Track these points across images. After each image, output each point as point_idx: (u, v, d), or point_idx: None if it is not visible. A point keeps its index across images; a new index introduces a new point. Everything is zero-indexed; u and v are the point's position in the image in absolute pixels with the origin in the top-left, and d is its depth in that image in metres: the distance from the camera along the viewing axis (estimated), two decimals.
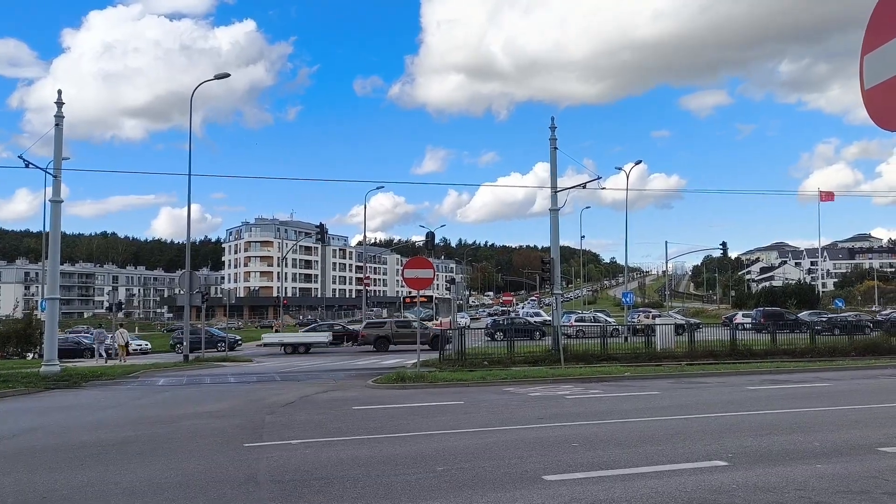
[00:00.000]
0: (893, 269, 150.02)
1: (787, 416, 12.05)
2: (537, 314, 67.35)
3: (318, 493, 7.20)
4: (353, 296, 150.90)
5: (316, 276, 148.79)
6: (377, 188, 57.53)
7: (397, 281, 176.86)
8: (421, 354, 24.00)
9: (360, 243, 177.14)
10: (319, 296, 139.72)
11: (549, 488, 7.15)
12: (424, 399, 15.74)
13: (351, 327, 54.01)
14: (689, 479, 7.41)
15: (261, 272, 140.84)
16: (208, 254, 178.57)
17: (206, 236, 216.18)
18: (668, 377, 20.62)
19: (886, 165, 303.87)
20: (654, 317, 52.18)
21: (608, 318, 52.69)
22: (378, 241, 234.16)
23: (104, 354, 37.42)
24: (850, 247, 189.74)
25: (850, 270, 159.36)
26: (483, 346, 29.84)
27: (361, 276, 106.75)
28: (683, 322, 35.27)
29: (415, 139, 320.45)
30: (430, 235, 50.69)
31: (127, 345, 37.08)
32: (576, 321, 44.90)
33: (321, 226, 52.96)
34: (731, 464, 8.10)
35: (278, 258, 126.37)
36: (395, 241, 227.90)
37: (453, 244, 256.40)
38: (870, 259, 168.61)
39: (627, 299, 46.09)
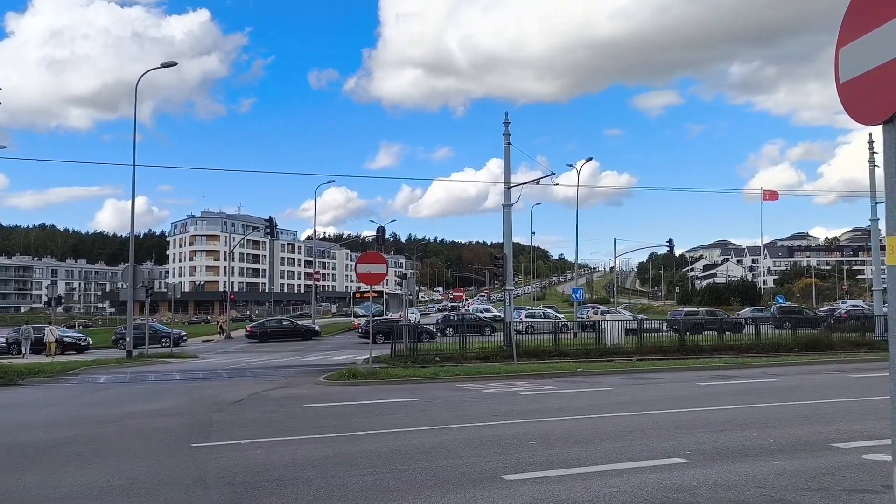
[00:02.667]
0: (830, 267, 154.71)
1: (740, 412, 12.16)
2: (487, 310, 67.50)
3: (271, 496, 6.92)
4: (302, 291, 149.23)
5: (264, 270, 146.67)
6: (328, 182, 57.53)
7: (347, 276, 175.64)
8: (370, 350, 23.69)
9: (309, 238, 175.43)
10: (267, 290, 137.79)
11: (510, 488, 7.00)
12: (377, 396, 15.50)
13: (300, 322, 53.37)
14: (650, 477, 7.34)
15: (206, 266, 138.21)
16: (152, 247, 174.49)
17: (151, 230, 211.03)
18: (619, 373, 20.76)
19: (828, 167, 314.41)
20: (602, 313, 52.74)
21: (558, 315, 53.03)
22: (328, 235, 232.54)
23: (25, 352, 36.42)
24: (790, 245, 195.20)
25: (789, 268, 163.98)
26: (434, 342, 29.67)
27: (311, 270, 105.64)
28: (633, 319, 35.63)
29: (369, 134, 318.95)
30: (381, 230, 50.36)
31: (57, 341, 35.93)
32: (526, 317, 45.03)
33: (270, 220, 52.15)
34: (690, 461, 8.07)
35: (225, 252, 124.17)
36: (345, 236, 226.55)
37: (403, 239, 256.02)
38: (807, 257, 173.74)
39: (577, 295, 46.42)
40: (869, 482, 7.00)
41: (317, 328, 49.72)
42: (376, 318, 43.04)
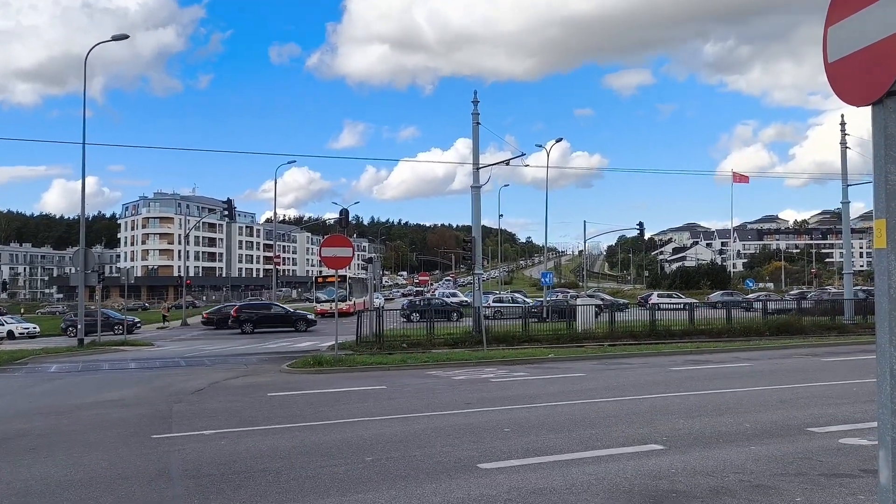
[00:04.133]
0: (799, 251, 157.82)
1: (715, 397, 12.37)
2: (454, 294, 67.68)
3: (239, 489, 6.87)
4: (261, 276, 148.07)
5: (221, 254, 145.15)
6: (289, 162, 56.69)
7: (308, 260, 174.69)
8: (335, 338, 23.62)
9: (268, 220, 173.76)
10: (224, 275, 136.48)
11: (486, 477, 7.04)
12: (344, 384, 15.47)
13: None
14: (628, 464, 7.44)
15: (160, 250, 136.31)
16: (103, 230, 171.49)
17: (101, 212, 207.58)
18: (591, 358, 20.96)
19: (799, 148, 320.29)
20: (571, 297, 53.18)
21: (526, 299, 53.37)
22: (289, 218, 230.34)
23: None
24: (759, 228, 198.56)
25: (758, 251, 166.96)
26: (400, 328, 29.68)
27: (271, 254, 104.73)
28: (612, 302, 35.97)
29: (333, 112, 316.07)
30: (344, 213, 50.06)
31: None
32: (494, 302, 45.23)
33: (229, 201, 51.50)
34: (668, 447, 8.20)
35: (179, 235, 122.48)
36: (306, 219, 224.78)
37: (367, 222, 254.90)
38: (777, 240, 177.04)
39: (547, 279, 46.74)
40: (846, 466, 7.17)
41: (311, 316, 48.95)
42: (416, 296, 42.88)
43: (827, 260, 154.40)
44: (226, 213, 53.04)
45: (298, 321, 42.29)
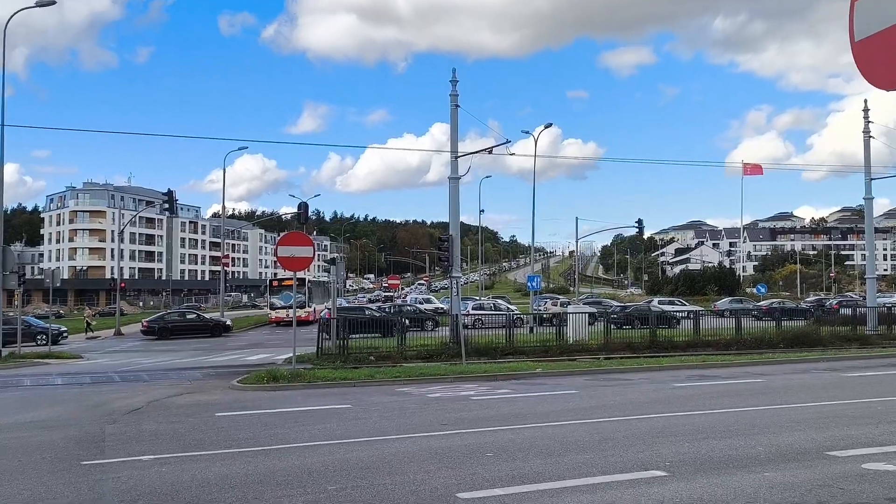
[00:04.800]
0: (816, 252, 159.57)
1: (724, 417, 12.49)
2: (428, 301, 67.72)
3: None
4: (207, 278, 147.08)
5: (161, 254, 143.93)
6: (240, 149, 55.95)
7: (261, 261, 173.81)
8: (297, 349, 23.53)
9: (216, 215, 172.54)
10: (165, 278, 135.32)
11: None
12: (304, 402, 15.42)
13: (208, 316, 52.62)
14: (626, 492, 7.48)
15: (90, 249, 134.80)
16: (23, 225, 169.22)
17: (21, 204, 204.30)
18: (584, 373, 21.09)
19: (818, 137, 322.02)
20: (561, 304, 53.44)
21: (510, 306, 53.54)
22: (239, 213, 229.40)
23: None
24: (772, 227, 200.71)
25: (770, 253, 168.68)
26: (367, 339, 29.64)
27: (218, 254, 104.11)
28: (619, 307, 36.11)
29: (291, 92, 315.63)
30: (304, 207, 49.81)
31: None
32: (474, 309, 45.32)
33: (170, 193, 51.04)
34: (671, 474, 8.25)
35: (113, 232, 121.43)
36: (259, 214, 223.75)
37: (328, 217, 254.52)
38: (792, 241, 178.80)
39: (534, 284, 46.91)
40: (871, 495, 7.27)
41: (228, 322, 49.13)
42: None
43: (847, 263, 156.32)
44: (166, 206, 52.61)
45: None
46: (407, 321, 31.95)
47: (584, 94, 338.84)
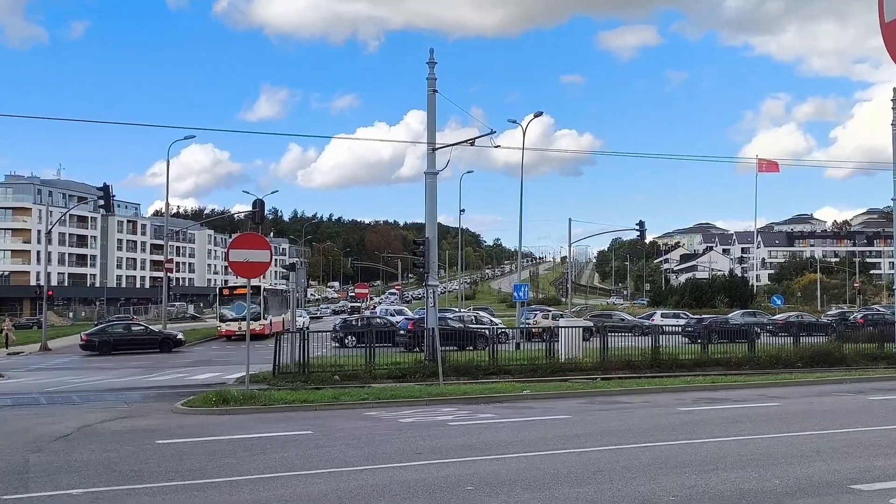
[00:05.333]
0: (839, 260, 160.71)
1: (734, 445, 12.56)
2: (401, 312, 67.68)
3: None
4: (148, 285, 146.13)
5: (94, 257, 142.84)
6: (187, 138, 55.40)
7: (211, 266, 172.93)
8: (250, 367, 23.42)
9: (159, 213, 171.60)
10: (99, 285, 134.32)
11: None
12: (258, 428, 15.35)
13: (157, 328, 52.16)
14: None
15: (13, 251, 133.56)
16: None
17: None
18: (578, 395, 21.16)
19: (842, 130, 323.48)
20: (553, 317, 53.54)
21: (493, 319, 53.57)
22: (185, 211, 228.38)
23: None
24: (789, 230, 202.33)
25: (788, 260, 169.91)
26: (331, 356, 29.58)
27: (161, 258, 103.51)
28: (636, 324, 36.19)
29: (247, 74, 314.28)
30: (259, 205, 49.59)
31: None
32: (453, 322, 45.31)
33: (105, 188, 50.66)
34: None
35: (39, 232, 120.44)
36: (209, 212, 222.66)
37: (287, 217, 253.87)
38: (811, 246, 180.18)
39: (521, 293, 46.98)
40: None
41: (179, 336, 48.75)
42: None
43: (873, 272, 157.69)
44: (101, 203, 52.25)
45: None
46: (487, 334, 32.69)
47: (580, 79, 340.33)
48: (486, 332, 34.10)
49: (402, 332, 35.84)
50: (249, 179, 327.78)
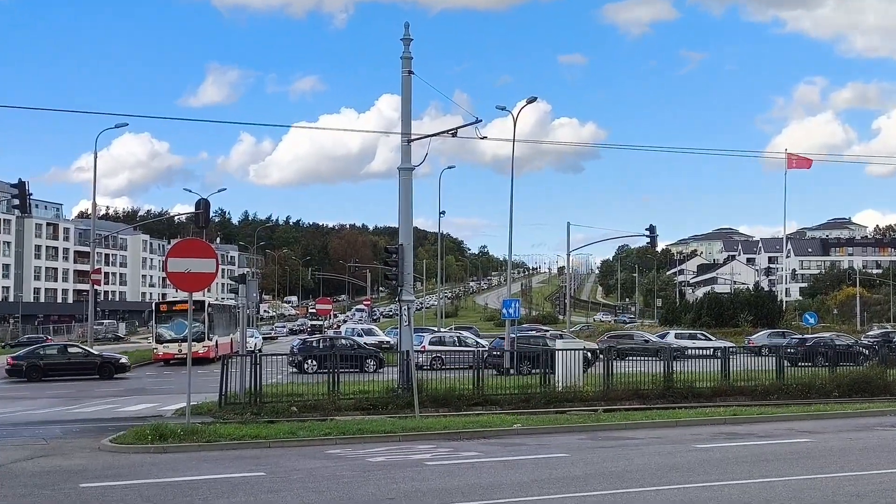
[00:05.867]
0: (882, 271, 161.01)
1: (760, 489, 12.60)
2: (370, 332, 67.52)
3: None
4: (71, 300, 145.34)
5: (8, 266, 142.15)
6: (118, 126, 54.94)
7: (146, 278, 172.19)
8: (192, 396, 23.32)
9: (85, 215, 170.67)
10: (13, 299, 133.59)
11: None
12: (201, 469, 15.30)
13: (96, 351, 51.66)
14: None
15: None
16: None
17: None
18: (577, 430, 21.19)
19: (887, 120, 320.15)
20: (552, 336, 53.49)
21: (479, 340, 53.51)
22: (116, 212, 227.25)
23: None
24: (824, 237, 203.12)
25: (823, 271, 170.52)
26: (288, 383, 29.49)
27: (86, 267, 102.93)
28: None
29: (191, 51, 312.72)
30: (204, 205, 49.42)
31: None
32: (432, 344, 45.25)
33: (21, 185, 50.32)
34: None
35: None
36: (143, 214, 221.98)
37: (237, 220, 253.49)
38: (850, 255, 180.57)
39: (511, 310, 46.89)
40: None
41: (123, 360, 48.16)
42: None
43: None
44: (16, 203, 51.94)
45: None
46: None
47: (582, 59, 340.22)
48: (472, 353, 34.08)
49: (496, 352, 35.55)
50: (193, 175, 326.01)
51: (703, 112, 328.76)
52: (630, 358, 31.32)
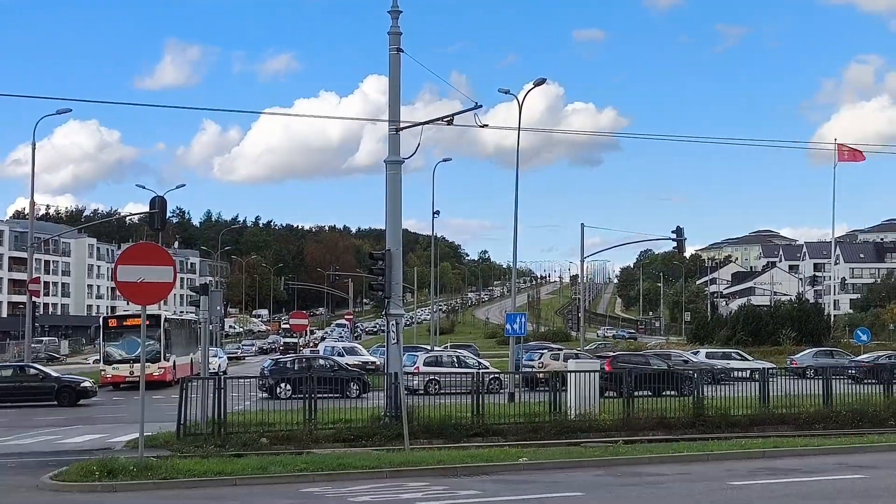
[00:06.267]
0: None
1: None
2: (353, 351, 67.43)
3: None
4: (6, 313, 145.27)
5: None
6: (60, 112, 54.82)
7: (92, 288, 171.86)
8: (147, 426, 23.29)
9: (20, 215, 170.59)
10: None
11: None
12: None
13: (54, 373, 51.48)
14: None
15: None
16: None
17: None
18: (594, 465, 21.14)
19: None
20: (564, 358, 53.27)
21: (480, 361, 53.44)
22: (58, 212, 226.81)
23: None
24: (878, 240, 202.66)
25: (878, 280, 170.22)
26: (257, 410, 29.41)
27: (23, 276, 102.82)
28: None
29: (146, 26, 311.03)
30: (159, 204, 49.40)
31: None
32: (426, 365, 45.25)
33: None
34: None
35: None
36: (90, 214, 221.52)
37: (198, 221, 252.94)
38: None
39: (515, 326, 46.81)
40: None
41: (86, 383, 47.85)
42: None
43: None
44: None
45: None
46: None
47: (600, 34, 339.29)
48: (483, 376, 34.10)
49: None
50: (148, 169, 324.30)
51: (740, 97, 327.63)
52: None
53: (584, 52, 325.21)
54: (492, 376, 41.41)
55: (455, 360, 50.67)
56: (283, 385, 36.89)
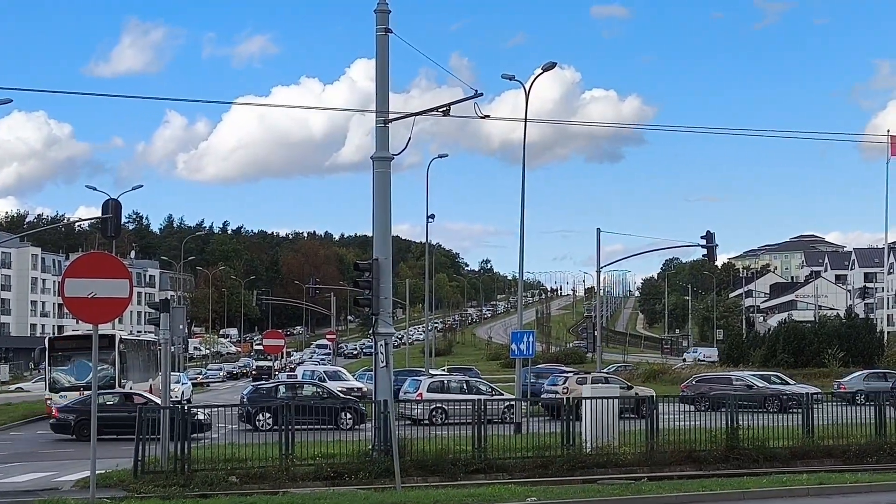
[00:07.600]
0: None
1: None
2: (337, 375, 67.41)
3: None
4: None
5: None
6: (1, 103, 54.64)
7: (36, 305, 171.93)
8: (99, 463, 23.31)
9: None
10: None
11: None
12: None
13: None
14: None
15: None
16: None
17: None
18: None
19: None
20: (594, 381, 53.13)
21: (481, 386, 53.42)
22: None
23: None
24: None
25: None
26: (226, 444, 29.40)
27: None
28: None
29: (101, 3, 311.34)
30: (113, 208, 49.45)
31: None
32: (430, 391, 45.41)
33: None
34: None
35: None
36: (34, 220, 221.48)
37: (158, 227, 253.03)
38: None
39: (522, 346, 46.78)
40: None
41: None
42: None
43: None
44: None
45: None
46: None
47: (622, 11, 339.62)
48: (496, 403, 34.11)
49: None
50: (103, 168, 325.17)
51: (781, 82, 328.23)
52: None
53: (603, 30, 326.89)
54: (507, 404, 41.55)
55: (465, 385, 50.77)
56: (263, 415, 36.92)
